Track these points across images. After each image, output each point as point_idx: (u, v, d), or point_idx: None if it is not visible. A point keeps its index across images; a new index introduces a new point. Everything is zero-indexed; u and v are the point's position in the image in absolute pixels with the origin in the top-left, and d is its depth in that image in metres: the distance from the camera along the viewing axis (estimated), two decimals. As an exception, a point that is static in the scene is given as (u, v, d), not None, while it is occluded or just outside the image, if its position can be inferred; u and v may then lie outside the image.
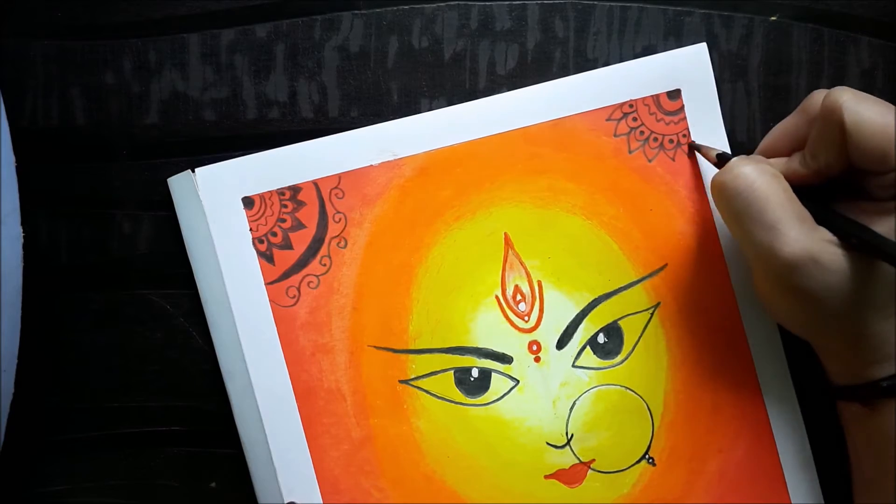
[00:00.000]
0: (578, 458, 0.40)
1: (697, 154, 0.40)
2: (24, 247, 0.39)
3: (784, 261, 0.33)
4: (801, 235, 0.32)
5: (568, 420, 0.40)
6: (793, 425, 0.40)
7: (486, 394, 0.40)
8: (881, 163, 0.32)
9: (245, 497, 0.40)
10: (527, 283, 0.40)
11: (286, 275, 0.39)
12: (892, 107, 0.32)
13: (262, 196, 0.39)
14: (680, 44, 0.40)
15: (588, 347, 0.40)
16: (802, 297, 0.33)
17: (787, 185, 0.34)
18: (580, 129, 0.40)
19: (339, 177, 0.40)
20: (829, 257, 0.32)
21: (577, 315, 0.40)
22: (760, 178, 0.33)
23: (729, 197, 0.34)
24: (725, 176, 0.34)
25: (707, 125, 0.40)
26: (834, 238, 0.33)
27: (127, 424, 0.41)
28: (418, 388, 0.40)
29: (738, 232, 0.35)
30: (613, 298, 0.40)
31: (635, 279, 0.40)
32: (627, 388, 0.40)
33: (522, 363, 0.40)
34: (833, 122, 0.33)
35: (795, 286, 0.33)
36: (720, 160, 0.37)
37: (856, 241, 0.32)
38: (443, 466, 0.40)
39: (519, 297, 0.40)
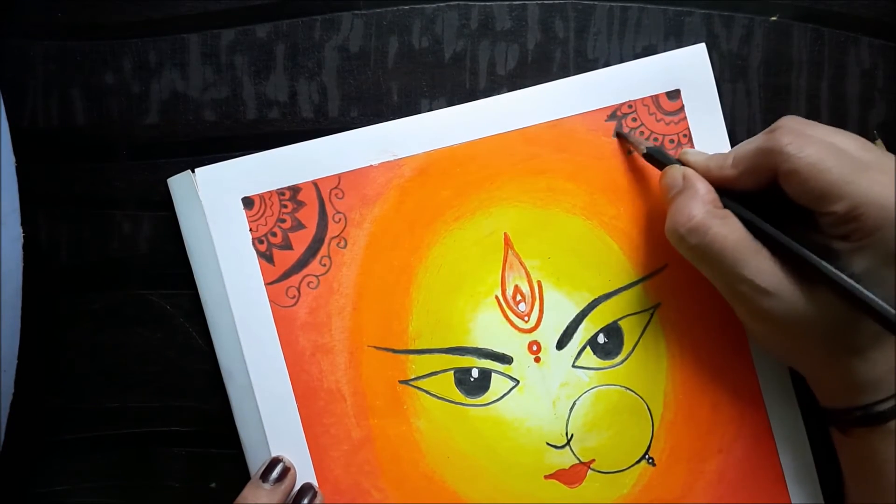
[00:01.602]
0: (578, 459, 0.40)
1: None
2: (24, 247, 0.39)
3: (743, 295, 0.34)
4: (756, 273, 0.33)
5: (568, 420, 0.40)
6: (793, 425, 0.40)
7: (486, 394, 0.40)
8: (817, 204, 0.32)
9: (245, 497, 0.40)
10: (527, 284, 0.40)
11: (286, 275, 0.39)
12: (832, 143, 0.33)
13: (262, 196, 0.39)
14: (680, 44, 0.40)
15: (588, 347, 0.40)
16: (769, 324, 0.34)
17: (734, 223, 0.34)
18: (580, 129, 0.40)
19: (339, 177, 0.40)
20: (784, 290, 0.33)
21: (577, 315, 0.40)
22: (712, 227, 0.34)
23: (685, 248, 0.35)
24: (678, 229, 0.35)
25: (707, 125, 0.40)
26: (789, 270, 0.33)
27: (127, 424, 0.41)
28: (418, 388, 0.40)
29: (700, 269, 0.36)
30: (613, 299, 0.40)
31: (635, 279, 0.40)
32: (627, 388, 0.40)
33: (522, 363, 0.40)
34: (767, 159, 0.33)
35: (758, 314, 0.34)
36: (649, 157, 0.38)
37: (805, 267, 0.32)
38: (443, 466, 0.40)
39: (519, 298, 0.40)
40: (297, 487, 0.39)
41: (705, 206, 0.34)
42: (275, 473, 0.38)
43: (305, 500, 0.38)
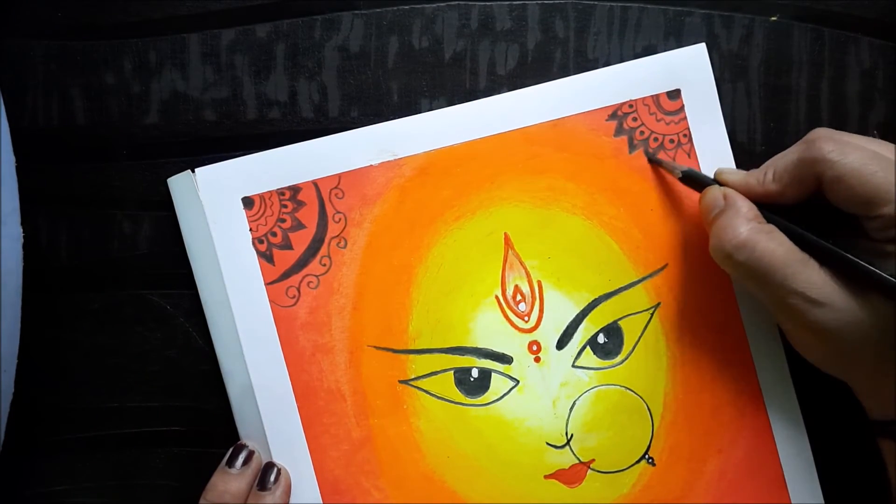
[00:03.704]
0: (578, 458, 0.40)
1: (698, 151, 0.40)
2: (24, 247, 0.39)
3: (794, 308, 0.33)
4: (807, 285, 0.33)
5: (568, 420, 0.40)
6: (793, 425, 0.40)
7: (486, 394, 0.40)
8: (865, 208, 0.32)
9: (245, 497, 0.40)
10: (527, 283, 0.40)
11: (286, 275, 0.39)
12: (871, 149, 0.33)
13: (262, 196, 0.39)
14: (680, 44, 0.40)
15: (588, 347, 0.40)
16: (820, 336, 0.34)
17: (780, 236, 0.34)
18: (580, 129, 0.40)
19: (339, 177, 0.40)
20: (836, 299, 0.33)
21: (578, 315, 0.40)
22: (759, 243, 0.34)
23: (732, 266, 0.35)
24: (724, 247, 0.34)
25: (707, 125, 0.40)
26: (839, 280, 0.33)
27: (127, 424, 0.41)
28: (418, 388, 0.40)
29: (747, 286, 0.35)
30: (613, 298, 0.40)
31: (635, 279, 0.40)
32: (627, 388, 0.40)
33: (522, 363, 0.40)
34: (810, 170, 0.33)
35: (809, 325, 0.34)
36: (686, 179, 0.38)
37: (854, 275, 0.32)
38: (443, 466, 0.40)
39: (519, 297, 0.40)
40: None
41: (750, 223, 0.34)
42: (241, 458, 0.38)
43: (271, 477, 0.38)
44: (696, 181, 0.38)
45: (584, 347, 0.40)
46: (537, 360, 0.40)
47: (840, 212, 0.34)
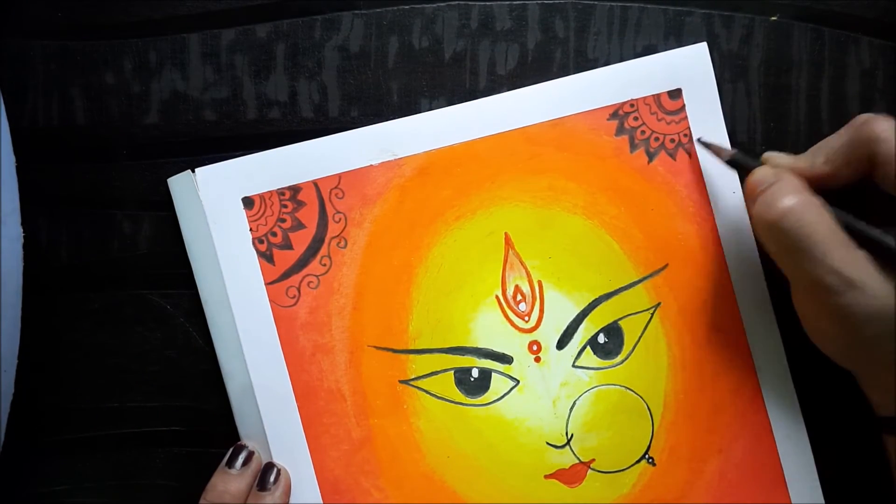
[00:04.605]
0: (578, 458, 0.40)
1: (698, 151, 0.40)
2: (24, 247, 0.39)
3: (828, 287, 0.33)
4: (845, 264, 0.33)
5: (568, 420, 0.40)
6: (793, 425, 0.40)
7: (487, 394, 0.40)
8: None
9: (245, 497, 0.40)
10: (527, 283, 0.40)
11: (286, 275, 0.39)
12: None
13: (262, 196, 0.39)
14: (680, 44, 0.40)
15: (588, 347, 0.40)
16: (845, 322, 0.33)
17: (827, 213, 0.34)
18: (581, 128, 0.40)
19: (339, 177, 0.40)
20: (873, 283, 0.32)
21: (578, 315, 0.40)
22: (806, 213, 0.33)
23: (775, 233, 0.34)
24: (770, 212, 0.34)
25: (708, 125, 0.40)
26: (876, 265, 0.33)
27: (127, 424, 0.41)
28: (418, 388, 0.40)
29: (782, 260, 0.35)
30: (614, 298, 0.40)
31: (636, 279, 0.40)
32: (627, 388, 0.40)
33: (522, 363, 0.40)
34: (864, 149, 0.33)
35: (837, 310, 0.33)
36: (733, 161, 0.38)
37: (892, 261, 0.32)
38: (443, 466, 0.40)
39: (519, 297, 0.40)
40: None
41: (802, 193, 0.34)
42: (240, 459, 0.39)
43: (271, 478, 0.39)
44: (743, 165, 0.38)
45: (584, 347, 0.40)
46: (537, 359, 0.40)
47: (881, 202, 0.34)
